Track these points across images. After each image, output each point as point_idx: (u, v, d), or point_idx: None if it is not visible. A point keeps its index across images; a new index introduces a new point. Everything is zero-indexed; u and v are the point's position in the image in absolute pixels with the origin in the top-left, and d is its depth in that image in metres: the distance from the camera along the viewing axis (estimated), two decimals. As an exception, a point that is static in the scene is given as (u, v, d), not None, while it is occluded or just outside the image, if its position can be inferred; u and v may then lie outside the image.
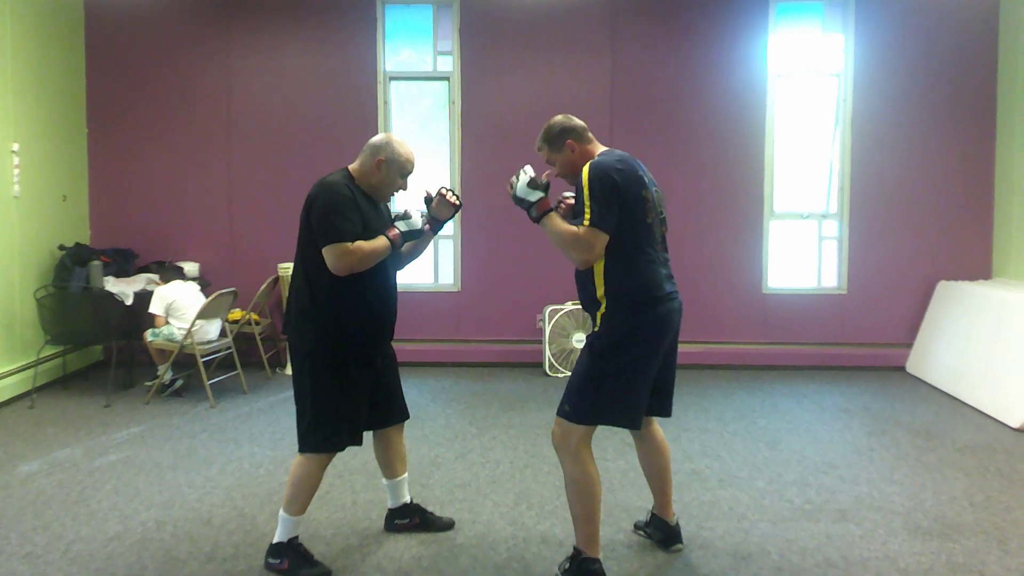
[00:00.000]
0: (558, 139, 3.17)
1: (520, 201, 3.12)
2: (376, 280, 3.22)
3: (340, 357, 3.15)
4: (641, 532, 3.58)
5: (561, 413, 3.07)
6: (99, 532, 3.61)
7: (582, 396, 3.03)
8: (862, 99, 7.00)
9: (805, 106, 7.18)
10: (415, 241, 3.43)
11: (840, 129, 7.09)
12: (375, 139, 3.27)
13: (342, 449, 3.23)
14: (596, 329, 3.05)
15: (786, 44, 7.11)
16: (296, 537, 3.27)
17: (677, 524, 3.47)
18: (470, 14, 7.06)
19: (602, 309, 3.02)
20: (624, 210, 2.96)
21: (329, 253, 3.05)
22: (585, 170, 3.00)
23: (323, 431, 3.16)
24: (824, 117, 7.17)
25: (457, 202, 3.41)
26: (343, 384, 3.16)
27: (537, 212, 3.08)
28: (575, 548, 3.11)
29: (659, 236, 3.11)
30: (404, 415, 3.53)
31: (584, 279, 3.09)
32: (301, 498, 3.21)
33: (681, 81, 7.03)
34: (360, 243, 3.07)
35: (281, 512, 3.24)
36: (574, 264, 3.05)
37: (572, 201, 3.20)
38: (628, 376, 3.01)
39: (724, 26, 7.00)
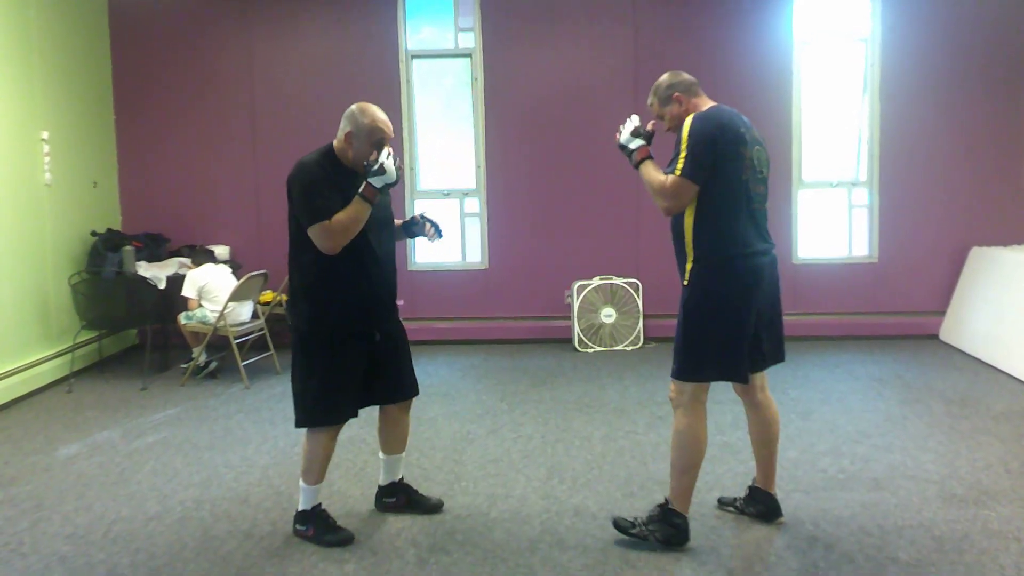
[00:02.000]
0: (666, 93, 3.25)
1: (623, 148, 3.27)
2: (365, 254, 3.18)
3: (333, 333, 3.17)
4: (730, 508, 3.51)
5: (671, 372, 3.16)
6: (139, 512, 3.68)
7: (683, 354, 3.12)
8: (890, 64, 6.87)
9: (832, 72, 7.06)
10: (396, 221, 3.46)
11: (868, 95, 6.97)
12: (347, 110, 3.17)
13: (343, 421, 3.27)
14: (685, 283, 3.13)
15: (812, 9, 6.97)
16: (319, 504, 3.33)
17: (776, 496, 3.41)
18: (490, -11, 7.01)
19: (689, 263, 3.10)
20: (719, 166, 3.03)
21: (314, 235, 3.05)
22: (688, 121, 3.09)
23: (322, 405, 3.20)
24: (852, 83, 7.05)
25: (435, 238, 3.46)
26: (339, 360, 3.18)
27: (636, 159, 3.22)
28: (665, 499, 3.19)
29: (756, 194, 3.20)
30: (411, 392, 3.49)
31: (676, 232, 3.16)
32: (316, 468, 3.27)
33: (705, 48, 6.91)
34: (337, 216, 3.04)
35: (300, 482, 3.31)
36: (661, 212, 3.15)
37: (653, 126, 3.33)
38: (721, 331, 3.06)
39: (748, -8, 6.89)
